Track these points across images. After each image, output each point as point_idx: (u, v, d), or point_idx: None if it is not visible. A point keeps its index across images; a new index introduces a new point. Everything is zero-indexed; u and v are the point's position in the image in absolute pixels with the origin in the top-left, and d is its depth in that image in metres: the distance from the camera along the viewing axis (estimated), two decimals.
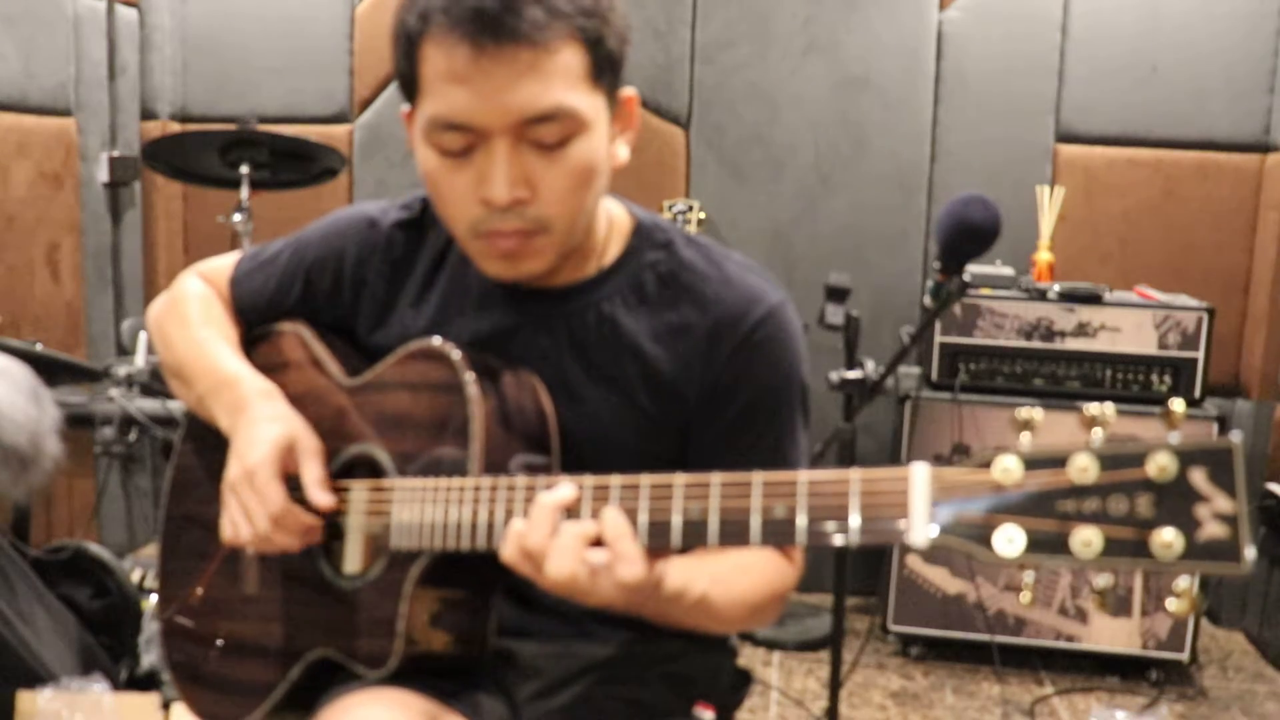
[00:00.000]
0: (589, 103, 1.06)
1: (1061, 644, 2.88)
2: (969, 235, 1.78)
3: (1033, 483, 0.78)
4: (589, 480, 0.97)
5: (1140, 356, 2.84)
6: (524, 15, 1.00)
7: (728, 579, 1.11)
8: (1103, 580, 0.79)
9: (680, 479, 0.93)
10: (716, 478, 0.91)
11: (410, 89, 1.09)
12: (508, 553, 0.98)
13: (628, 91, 1.14)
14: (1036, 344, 2.87)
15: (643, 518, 0.94)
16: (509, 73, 1.01)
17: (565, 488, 0.97)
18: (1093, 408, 0.79)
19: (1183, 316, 2.82)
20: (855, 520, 0.84)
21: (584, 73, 1.05)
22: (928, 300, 1.88)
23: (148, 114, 3.62)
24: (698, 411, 1.18)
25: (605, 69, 1.07)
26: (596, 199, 1.13)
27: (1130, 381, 2.85)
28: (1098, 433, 0.78)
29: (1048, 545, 0.76)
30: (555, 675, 1.23)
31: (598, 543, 0.95)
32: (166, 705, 2.12)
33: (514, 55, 1.01)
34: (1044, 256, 3.15)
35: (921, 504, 0.81)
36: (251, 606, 1.26)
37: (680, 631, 1.22)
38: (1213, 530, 0.72)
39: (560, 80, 1.03)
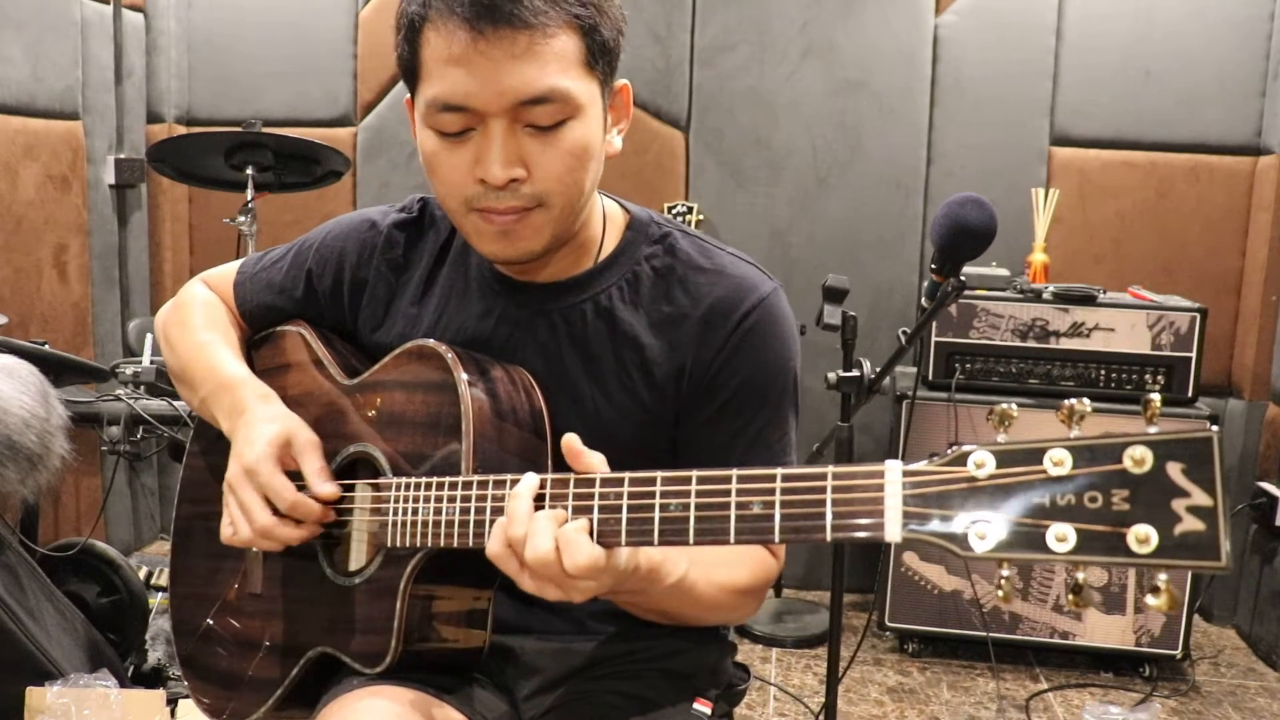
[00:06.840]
0: (583, 88, 1.08)
1: (1056, 640, 2.91)
2: (965, 236, 1.79)
3: (1006, 478, 0.76)
4: (575, 477, 0.97)
5: (1134, 356, 2.86)
6: (522, 2, 1.03)
7: (709, 564, 1.12)
8: (1080, 576, 0.76)
9: (660, 475, 0.93)
10: (694, 474, 0.91)
11: (412, 74, 1.11)
12: (493, 547, 0.97)
13: (621, 82, 1.17)
14: (1031, 344, 2.89)
15: (623, 514, 0.93)
16: (505, 56, 1.04)
17: (531, 477, 0.97)
18: (1069, 402, 0.77)
19: (1176, 317, 2.84)
20: (830, 517, 0.84)
21: (579, 59, 1.07)
22: (924, 301, 1.90)
23: (153, 117, 3.66)
24: (689, 396, 1.19)
25: (600, 57, 1.09)
26: (592, 182, 1.14)
27: (1124, 381, 2.87)
28: (1074, 427, 0.77)
29: (1021, 541, 0.75)
30: (554, 672, 1.24)
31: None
32: (172, 701, 2.14)
33: (511, 39, 1.03)
34: (1039, 258, 3.18)
35: (895, 501, 0.80)
36: (257, 605, 1.27)
37: (677, 628, 1.24)
38: (1190, 525, 0.70)
39: (556, 64, 1.05)
